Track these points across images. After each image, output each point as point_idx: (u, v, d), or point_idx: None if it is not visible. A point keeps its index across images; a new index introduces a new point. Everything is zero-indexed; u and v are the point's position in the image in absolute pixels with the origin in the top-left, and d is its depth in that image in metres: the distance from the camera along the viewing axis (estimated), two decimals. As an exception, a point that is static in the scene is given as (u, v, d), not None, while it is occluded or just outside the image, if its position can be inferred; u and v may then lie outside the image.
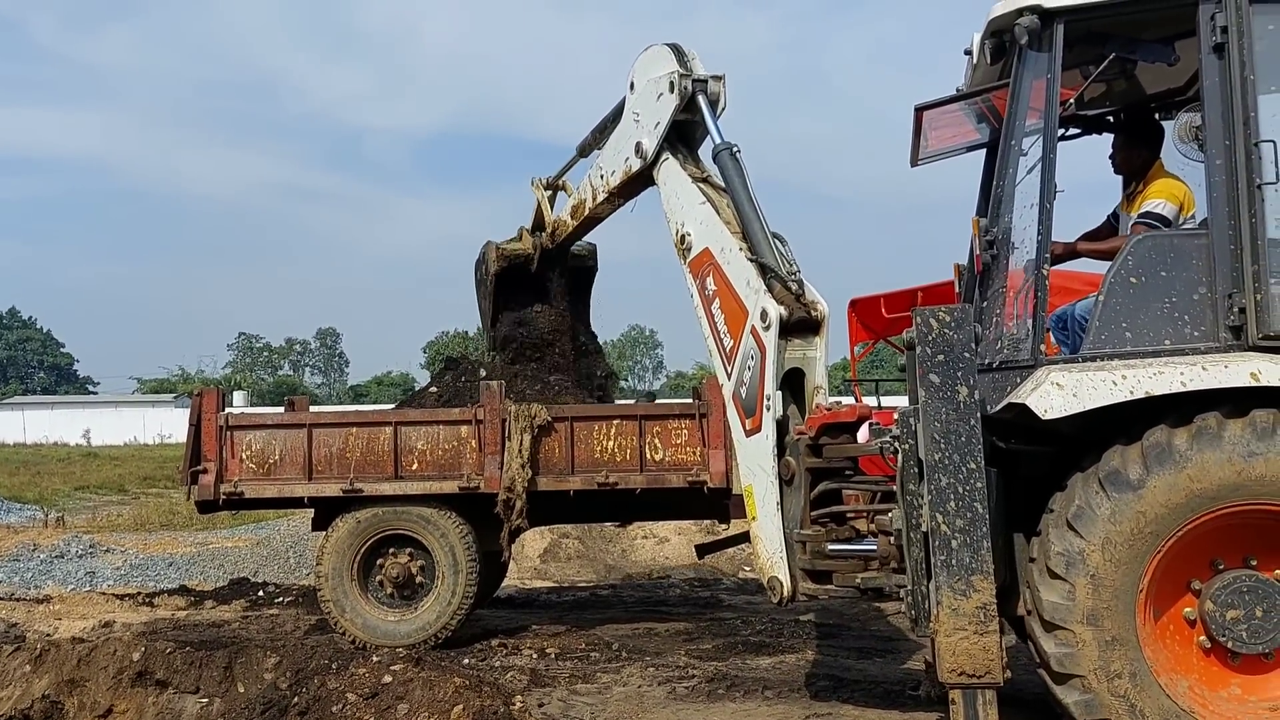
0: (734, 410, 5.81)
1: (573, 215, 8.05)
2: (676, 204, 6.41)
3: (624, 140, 6.94)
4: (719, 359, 5.96)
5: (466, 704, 4.88)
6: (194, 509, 8.74)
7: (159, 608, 9.83)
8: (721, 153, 6.27)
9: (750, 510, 5.67)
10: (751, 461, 5.65)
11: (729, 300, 5.86)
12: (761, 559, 5.59)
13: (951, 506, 4.40)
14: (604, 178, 7.33)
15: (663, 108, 6.51)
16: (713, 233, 6.03)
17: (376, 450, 8.07)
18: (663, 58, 6.60)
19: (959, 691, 4.42)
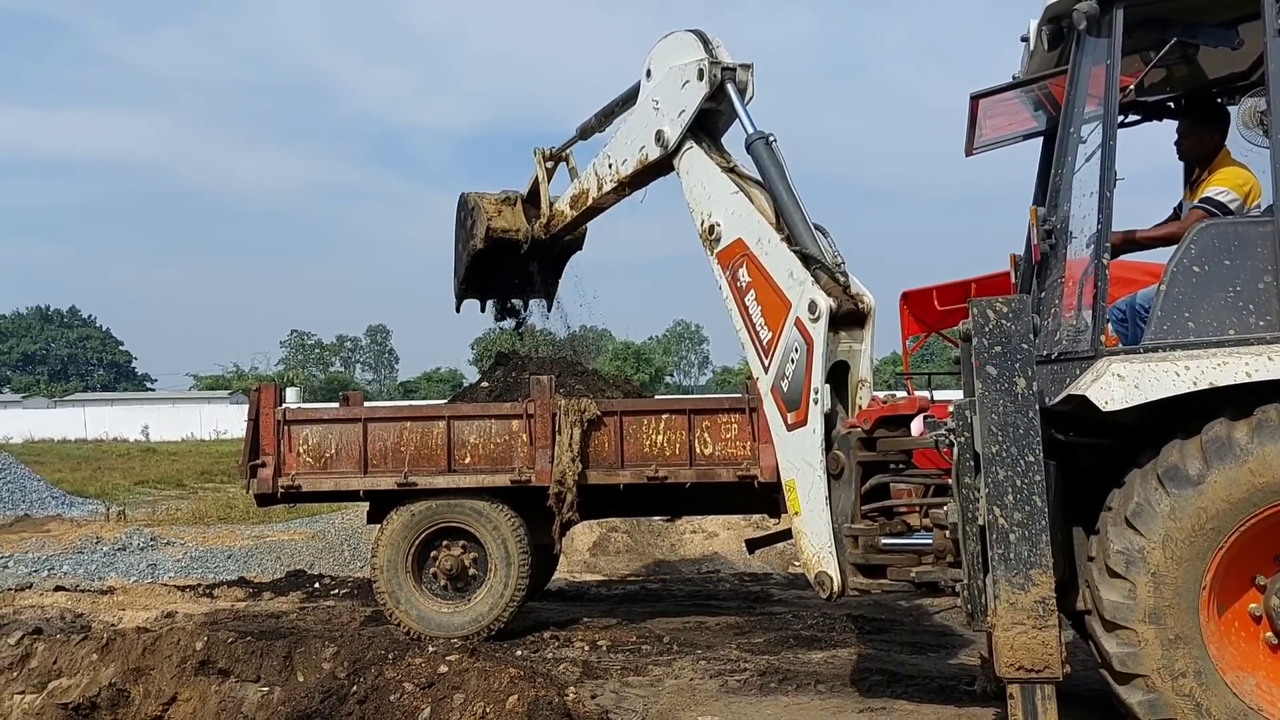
0: (773, 404, 5.74)
1: (573, 205, 7.80)
2: (702, 194, 6.29)
3: (640, 128, 6.78)
4: (754, 352, 5.89)
5: (521, 694, 4.92)
6: (252, 502, 8.89)
7: (219, 599, 10.02)
8: (756, 142, 6.14)
9: (793, 505, 5.62)
10: (795, 456, 5.58)
11: (767, 292, 5.78)
12: (807, 554, 5.53)
13: (1009, 500, 4.35)
14: (613, 166, 7.14)
15: (688, 95, 6.38)
16: (746, 223, 5.94)
17: (430, 444, 8.15)
18: (687, 45, 6.46)
19: (1017, 686, 4.37)
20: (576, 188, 7.68)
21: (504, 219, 8.35)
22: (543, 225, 8.17)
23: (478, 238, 8.35)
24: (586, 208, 7.60)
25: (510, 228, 8.32)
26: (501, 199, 8.47)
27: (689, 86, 6.37)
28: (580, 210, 7.68)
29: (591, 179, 7.44)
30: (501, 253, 8.53)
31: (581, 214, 7.74)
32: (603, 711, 5.44)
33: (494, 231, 8.33)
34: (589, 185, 7.49)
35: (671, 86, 6.51)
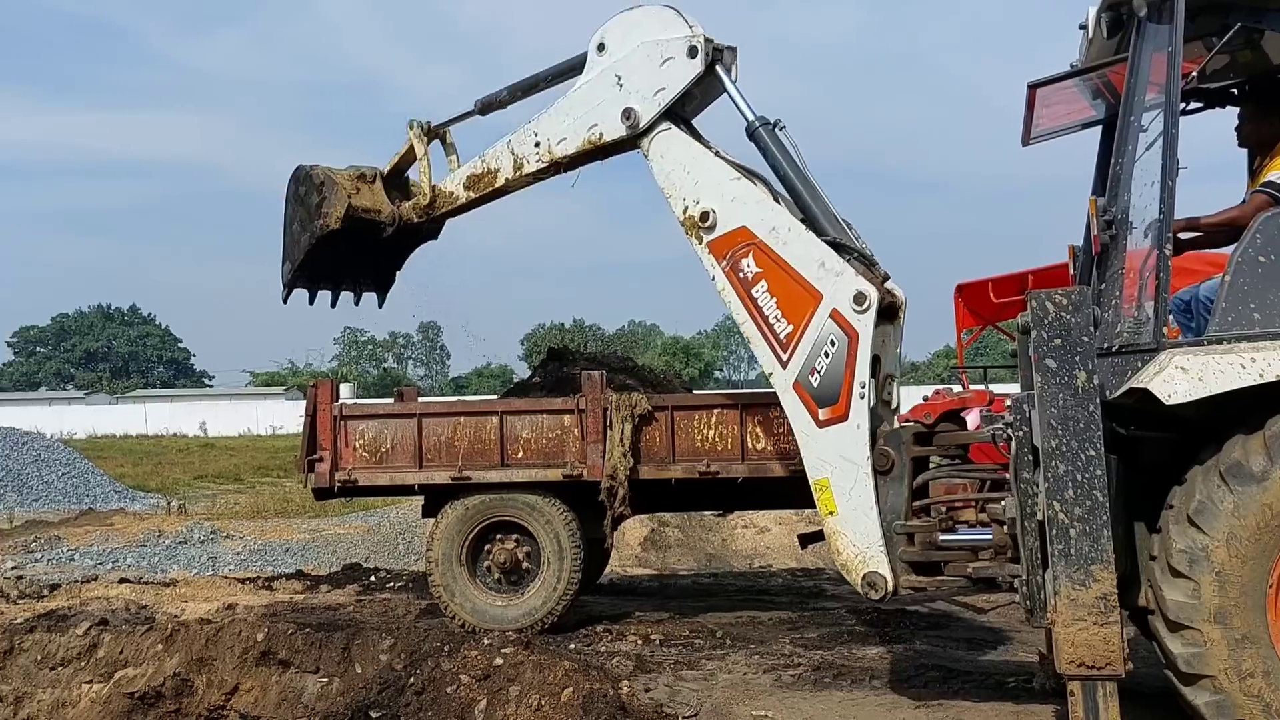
0: (796, 400, 5.52)
1: (470, 186, 6.99)
2: (685, 178, 5.94)
3: (591, 105, 6.28)
4: (766, 346, 5.63)
5: (576, 687, 4.96)
6: (309, 496, 9.03)
7: (278, 591, 10.19)
8: (759, 128, 5.89)
9: (827, 505, 5.43)
10: (830, 453, 5.41)
11: (785, 283, 5.56)
12: (847, 556, 5.35)
13: (1069, 495, 4.29)
14: (542, 145, 6.52)
15: (672, 73, 6.00)
16: (754, 210, 5.70)
17: (483, 439, 8.22)
18: (664, 20, 6.12)
19: (1078, 684, 4.31)
20: (478, 167, 6.89)
21: (365, 197, 7.33)
22: (419, 207, 7.27)
23: (331, 217, 7.23)
24: (491, 190, 6.90)
25: (372, 207, 7.32)
26: (356, 175, 7.43)
27: (673, 64, 6.00)
28: (481, 193, 6.95)
29: (504, 158, 6.75)
30: (350, 236, 7.45)
31: (481, 197, 6.99)
32: (657, 705, 5.46)
33: (355, 211, 7.21)
34: (498, 165, 6.78)
35: (645, 62, 6.09)
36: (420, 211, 7.22)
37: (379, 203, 7.21)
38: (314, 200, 7.31)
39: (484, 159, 6.85)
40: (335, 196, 7.19)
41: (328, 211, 7.17)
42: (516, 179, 6.75)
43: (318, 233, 7.27)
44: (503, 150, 6.75)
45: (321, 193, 7.27)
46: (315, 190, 7.33)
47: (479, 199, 6.98)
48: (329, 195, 7.21)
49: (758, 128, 5.89)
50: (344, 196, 7.15)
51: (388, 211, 7.24)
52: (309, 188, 7.41)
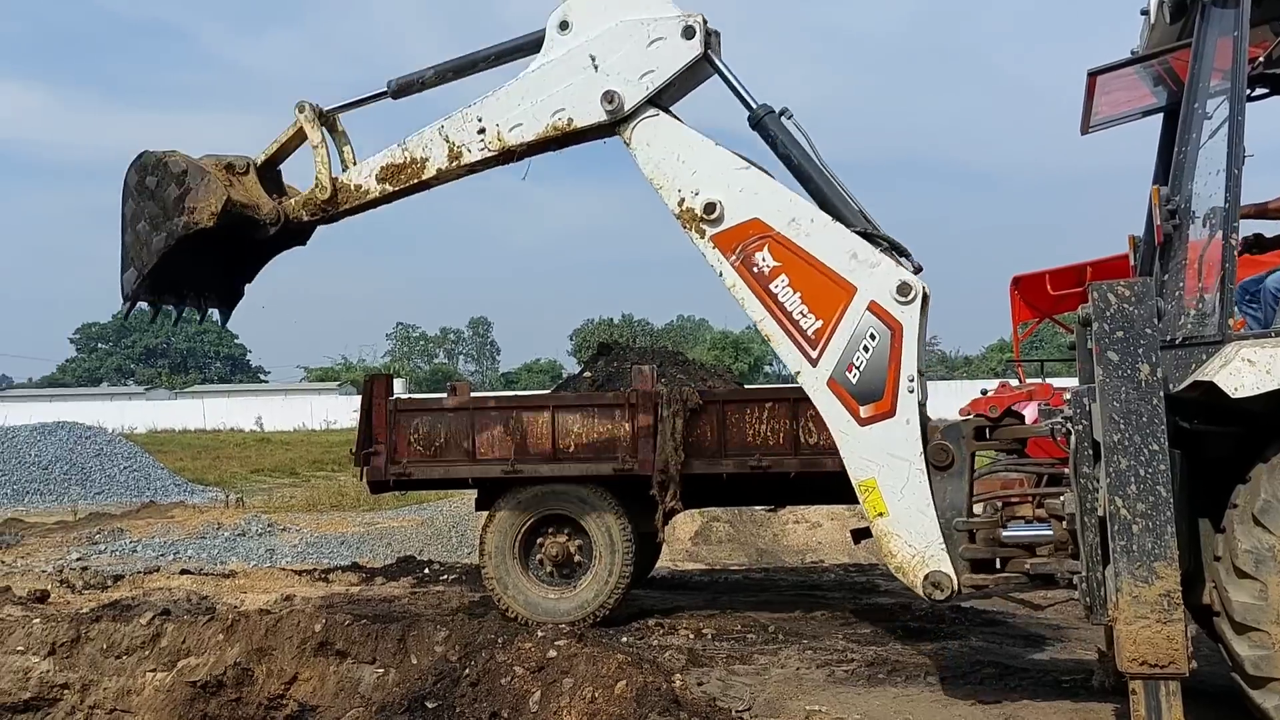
0: (832, 398, 5.23)
1: (387, 179, 6.09)
2: (679, 168, 5.52)
3: (556, 88, 5.70)
4: (791, 343, 5.30)
5: (630, 680, 4.97)
6: (364, 490, 9.14)
7: (334, 583, 10.34)
8: (765, 117, 5.54)
9: (875, 506, 5.17)
10: (876, 451, 5.17)
11: (810, 276, 5.26)
12: (903, 557, 5.11)
13: (1132, 490, 4.21)
14: (489, 132, 5.82)
15: (663, 55, 5.51)
16: (769, 201, 5.35)
17: (535, 433, 8.27)
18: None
19: (1140, 683, 4.23)
20: (398, 156, 6.04)
21: (240, 191, 6.21)
22: (314, 203, 6.20)
23: (203, 212, 6.03)
24: (413, 184, 6.04)
25: (251, 203, 6.20)
26: (223, 165, 6.26)
27: (664, 45, 5.51)
28: (400, 186, 6.07)
29: (434, 147, 5.96)
30: (195, 240, 6.24)
31: (399, 191, 6.10)
32: (709, 699, 5.46)
33: (234, 206, 6.08)
34: (426, 154, 5.97)
35: (627, 42, 5.57)
36: (315, 208, 6.15)
37: (257, 198, 6.12)
38: (170, 194, 6.12)
39: (406, 147, 5.99)
40: (207, 188, 6.06)
41: (196, 206, 5.99)
42: (451, 169, 5.97)
43: (178, 233, 6.07)
44: (433, 138, 5.95)
45: (184, 184, 6.10)
46: (173, 181, 6.15)
47: (396, 193, 6.07)
48: (197, 187, 6.07)
49: (763, 116, 5.54)
50: (220, 188, 6.05)
51: (268, 208, 6.13)
52: (162, 178, 6.20)
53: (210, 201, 6.00)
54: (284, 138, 6.28)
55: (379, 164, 6.11)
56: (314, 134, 6.22)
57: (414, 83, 6.18)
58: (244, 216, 6.13)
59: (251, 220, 6.17)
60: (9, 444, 23.41)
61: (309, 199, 6.22)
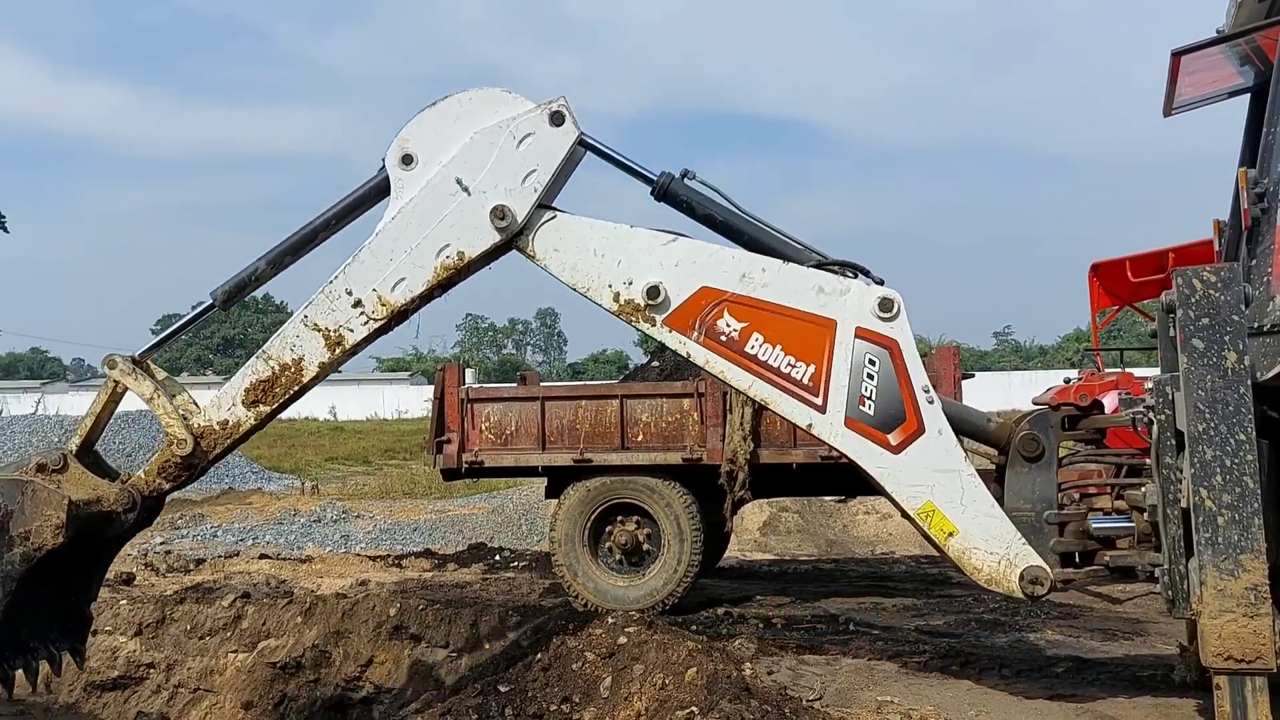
0: (857, 438, 4.84)
1: (260, 399, 4.98)
2: (601, 263, 4.97)
3: (427, 226, 4.93)
4: (791, 399, 4.87)
5: (700, 667, 4.98)
6: (436, 477, 9.29)
7: (407, 569, 10.53)
8: (672, 184, 5.04)
9: (943, 528, 4.83)
10: (921, 473, 4.84)
11: (784, 325, 4.88)
12: (989, 569, 4.80)
13: (1217, 481, 4.09)
14: (368, 300, 4.93)
15: (536, 151, 4.92)
16: (710, 265, 4.92)
17: (604, 422, 8.33)
18: (494, 100, 5.01)
19: (1225, 678, 4.12)
20: (261, 372, 4.99)
21: (75, 486, 4.75)
22: (172, 463, 4.93)
23: (44, 533, 4.61)
24: (295, 391, 5.01)
25: (94, 497, 4.79)
26: (36, 469, 4.74)
27: (536, 140, 4.92)
28: (279, 401, 5.02)
29: (305, 344, 4.97)
30: (49, 559, 4.70)
31: (280, 406, 5.05)
32: (780, 688, 5.44)
33: (79, 508, 4.67)
34: (299, 354, 4.96)
35: (494, 151, 4.95)
36: (176, 469, 4.94)
37: (95, 487, 4.78)
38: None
39: (268, 357, 4.96)
40: (35, 501, 4.64)
41: (31, 529, 4.60)
42: (336, 358, 5.06)
43: (17, 572, 4.59)
44: (299, 333, 4.98)
45: (6, 500, 4.63)
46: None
47: (278, 408, 5.05)
48: (19, 506, 4.63)
49: (669, 183, 5.06)
50: (53, 494, 4.65)
51: (115, 494, 4.81)
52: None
53: (49, 515, 4.60)
54: (96, 408, 4.96)
55: (242, 387, 5.00)
56: (141, 386, 4.97)
57: (245, 282, 5.06)
58: (91, 517, 4.74)
59: (101, 517, 4.79)
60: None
61: (164, 462, 4.92)
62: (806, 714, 4.99)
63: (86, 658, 5.24)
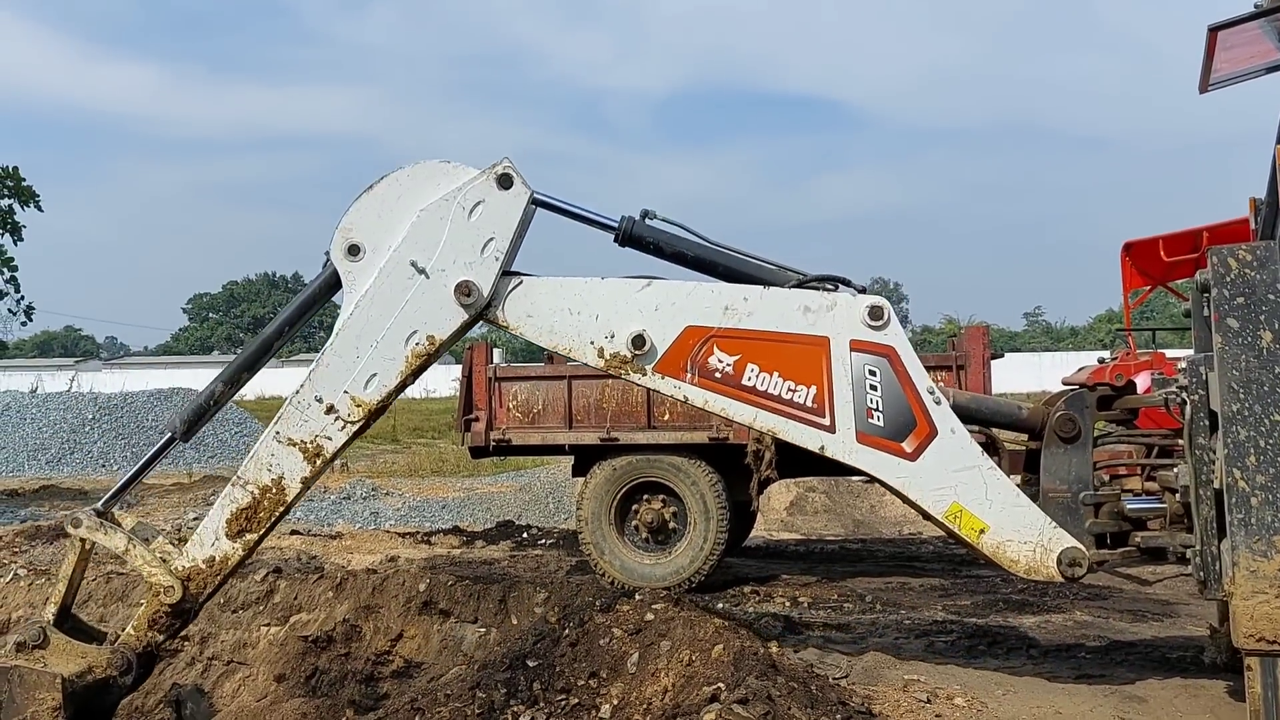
0: (873, 453, 4.75)
1: (243, 529, 4.66)
2: (578, 321, 4.79)
3: (389, 316, 4.67)
4: (798, 424, 4.76)
5: (727, 644, 5.01)
6: (464, 456, 9.36)
7: (436, 546, 10.62)
8: (635, 227, 4.90)
9: (972, 526, 4.77)
10: (942, 477, 4.77)
11: (777, 351, 4.78)
12: (1026, 559, 4.74)
13: (1251, 461, 4.05)
14: (342, 404, 4.66)
15: (490, 218, 4.68)
16: (692, 304, 4.79)
17: (631, 401, 8.36)
18: (436, 174, 4.75)
19: (1256, 659, 4.09)
20: (239, 500, 4.68)
21: (63, 660, 4.45)
22: (162, 616, 4.62)
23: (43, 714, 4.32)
24: (281, 511, 4.72)
25: (87, 667, 4.46)
26: (15, 648, 4.46)
27: (486, 207, 4.69)
28: (265, 525, 4.71)
29: (283, 461, 4.67)
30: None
31: (268, 529, 4.76)
32: (807, 665, 5.46)
33: (74, 684, 4.35)
34: (278, 473, 4.67)
35: (446, 226, 4.69)
36: (168, 619, 4.63)
37: (83, 655, 4.47)
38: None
39: (244, 483, 4.66)
40: (25, 686, 4.31)
41: (30, 714, 4.30)
42: (318, 469, 4.74)
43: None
44: (274, 451, 4.68)
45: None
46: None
47: (266, 532, 4.76)
48: (12, 693, 4.32)
49: (631, 228, 4.91)
50: (43, 675, 4.32)
51: (106, 658, 4.50)
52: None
53: (43, 699, 4.28)
54: (68, 570, 4.65)
55: (223, 520, 4.67)
56: (112, 540, 4.65)
57: (204, 407, 4.84)
58: (87, 688, 4.42)
59: (96, 687, 4.46)
60: (128, 409, 24.53)
61: (154, 614, 4.61)
62: (833, 691, 5.00)
63: None
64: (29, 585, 8.01)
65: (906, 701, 5.21)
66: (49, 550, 10.58)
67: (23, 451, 22.60)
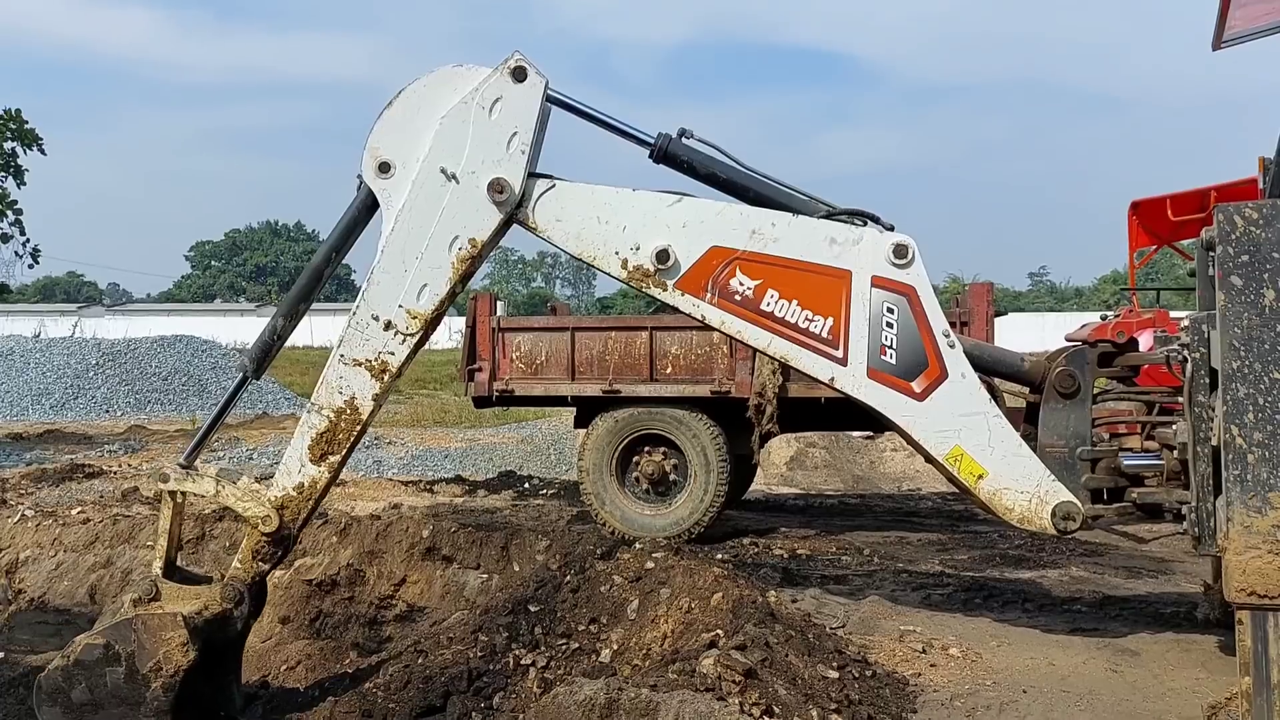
0: (881, 389, 4.80)
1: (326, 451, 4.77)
2: (605, 230, 4.82)
3: (430, 225, 4.71)
4: (813, 353, 4.80)
5: (725, 592, 5.07)
6: (465, 407, 9.42)
7: (439, 494, 10.71)
8: (670, 144, 4.93)
9: (971, 470, 4.82)
10: (947, 419, 4.82)
11: (799, 279, 4.79)
12: (1020, 508, 4.82)
13: (1249, 419, 4.08)
14: (398, 318, 4.73)
15: (511, 112, 4.68)
16: (720, 224, 4.82)
17: (633, 354, 8.39)
18: (452, 79, 4.77)
19: (1247, 613, 4.14)
20: (318, 424, 4.77)
21: (180, 601, 4.60)
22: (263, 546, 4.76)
23: (172, 657, 4.42)
24: (358, 430, 4.81)
25: (203, 605, 4.61)
26: (133, 603, 4.55)
27: (505, 102, 4.69)
28: (346, 445, 4.80)
29: (351, 382, 4.77)
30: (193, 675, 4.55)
31: (349, 450, 4.85)
32: (805, 615, 5.54)
33: (194, 620, 4.50)
34: (350, 391, 4.77)
35: (468, 127, 4.71)
36: (269, 548, 4.78)
37: (201, 597, 4.65)
38: (117, 678, 4.43)
39: (319, 409, 4.76)
40: (149, 630, 4.45)
41: (159, 657, 4.41)
42: (386, 384, 4.83)
43: (166, 705, 4.41)
44: (342, 373, 4.78)
45: (119, 654, 4.44)
46: (105, 666, 4.44)
47: (348, 452, 4.85)
48: (137, 643, 4.43)
49: (669, 144, 4.93)
50: (166, 618, 4.47)
51: (219, 594, 4.66)
52: (90, 675, 4.43)
53: (169, 637, 4.45)
54: (166, 525, 4.79)
55: (305, 447, 4.79)
56: (202, 485, 4.81)
57: (269, 343, 4.97)
58: (208, 623, 4.58)
59: (216, 621, 4.63)
60: (131, 356, 24.59)
61: (256, 546, 4.76)
62: (830, 640, 5.09)
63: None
64: (36, 526, 8.10)
65: (902, 651, 5.30)
66: (55, 492, 10.69)
67: (26, 396, 22.70)
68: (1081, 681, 4.91)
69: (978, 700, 4.67)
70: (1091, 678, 4.96)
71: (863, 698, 4.50)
